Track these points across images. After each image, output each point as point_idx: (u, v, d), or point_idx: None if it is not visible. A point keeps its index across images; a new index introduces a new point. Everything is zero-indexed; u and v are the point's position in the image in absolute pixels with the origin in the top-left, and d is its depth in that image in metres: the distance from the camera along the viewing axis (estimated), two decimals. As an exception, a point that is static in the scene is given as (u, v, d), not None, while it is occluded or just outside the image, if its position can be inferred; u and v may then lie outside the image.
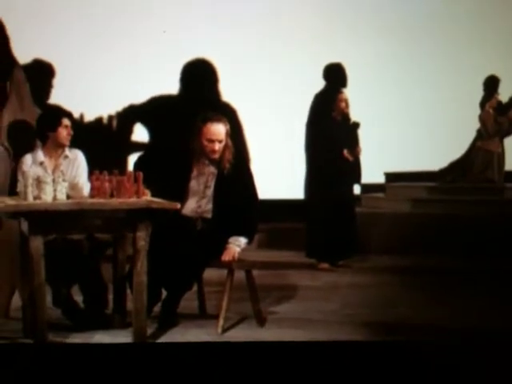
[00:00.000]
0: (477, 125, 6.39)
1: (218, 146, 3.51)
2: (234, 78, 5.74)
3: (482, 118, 6.35)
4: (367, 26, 6.33)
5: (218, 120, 3.54)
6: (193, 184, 3.57)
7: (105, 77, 5.64)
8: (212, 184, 3.55)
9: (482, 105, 6.36)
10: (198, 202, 3.57)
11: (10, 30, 3.60)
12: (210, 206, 3.56)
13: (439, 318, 3.72)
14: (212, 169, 3.56)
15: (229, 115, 3.85)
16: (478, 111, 6.37)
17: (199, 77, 4.24)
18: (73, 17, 5.68)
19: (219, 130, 3.52)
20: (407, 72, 6.50)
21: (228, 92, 5.52)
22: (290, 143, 5.60)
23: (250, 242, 3.61)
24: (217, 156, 3.53)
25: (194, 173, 3.57)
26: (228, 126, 3.56)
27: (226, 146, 3.53)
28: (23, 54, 3.77)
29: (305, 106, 5.22)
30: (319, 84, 5.23)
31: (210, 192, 3.55)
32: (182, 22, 5.80)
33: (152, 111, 4.31)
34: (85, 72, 5.60)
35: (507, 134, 6.38)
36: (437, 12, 6.50)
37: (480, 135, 6.38)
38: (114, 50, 5.75)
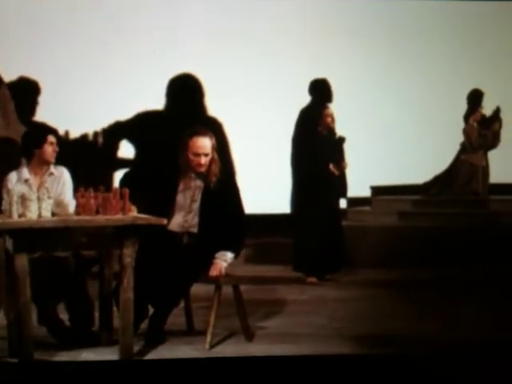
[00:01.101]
0: (461, 138, 6.46)
1: (204, 160, 3.53)
2: (222, 94, 5.77)
3: (466, 132, 6.42)
4: (353, 40, 6.40)
5: (204, 134, 3.56)
6: (179, 198, 3.58)
7: (91, 94, 5.65)
8: (198, 198, 3.56)
9: (466, 118, 6.43)
10: (184, 217, 3.57)
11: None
12: (196, 221, 3.56)
13: (427, 331, 3.74)
14: (198, 183, 3.57)
15: (215, 129, 3.87)
16: (462, 125, 6.44)
17: (185, 92, 4.27)
18: (59, 35, 5.69)
19: (205, 143, 3.53)
20: (392, 86, 6.57)
21: (216, 106, 5.55)
22: (276, 157, 5.63)
23: (236, 257, 3.62)
24: (203, 170, 3.55)
25: (181, 187, 3.58)
26: (214, 140, 3.58)
27: (212, 160, 3.55)
28: (7, 71, 3.77)
29: (291, 120, 5.25)
30: (305, 99, 5.27)
31: (196, 206, 3.55)
32: (171, 40, 5.84)
33: (138, 127, 4.32)
34: (71, 89, 5.61)
35: (491, 147, 6.45)
36: (424, 27, 6.59)
37: (464, 148, 6.45)
38: (101, 68, 5.76)
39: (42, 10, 5.52)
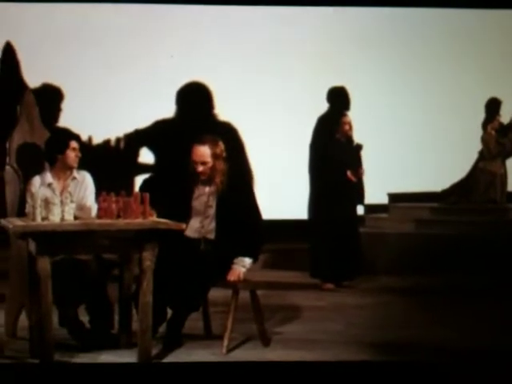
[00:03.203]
0: (479, 146, 6.44)
1: (201, 168, 3.54)
2: (239, 99, 5.81)
3: (484, 140, 6.40)
4: (372, 49, 6.41)
5: (203, 142, 3.56)
6: (195, 204, 3.61)
7: (113, 99, 5.71)
8: (213, 204, 3.58)
9: (484, 126, 6.41)
10: (201, 222, 3.60)
11: (22, 55, 3.68)
12: (212, 226, 3.58)
13: (444, 338, 3.73)
14: (210, 189, 3.59)
15: (228, 134, 3.88)
16: (480, 132, 6.42)
17: (199, 98, 4.31)
18: (82, 41, 5.77)
19: (201, 151, 3.54)
20: (410, 94, 6.57)
21: (233, 112, 5.59)
22: (295, 163, 5.65)
23: (254, 262, 3.64)
24: (204, 177, 3.57)
25: (196, 193, 3.61)
26: (218, 148, 3.56)
27: (212, 168, 3.54)
28: (33, 77, 3.85)
29: (309, 127, 5.27)
30: (323, 106, 5.29)
31: (212, 211, 3.58)
32: (189, 47, 5.89)
33: (156, 134, 4.37)
34: (94, 95, 5.68)
35: (509, 155, 6.42)
36: (439, 36, 6.59)
37: (482, 156, 6.43)
38: (122, 74, 5.83)
39: (64, 18, 5.61)
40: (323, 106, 5.28)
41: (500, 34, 6.57)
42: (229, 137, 3.75)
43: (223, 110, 5.48)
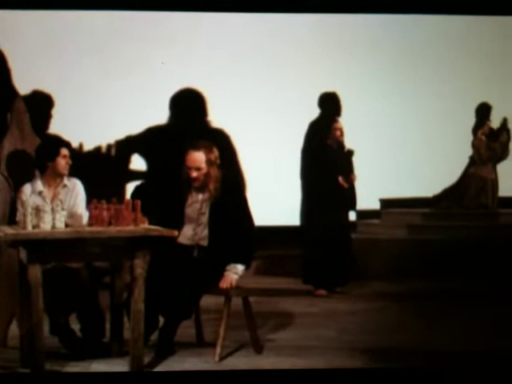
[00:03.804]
0: (470, 151, 6.47)
1: (195, 174, 3.52)
2: (232, 104, 5.80)
3: (474, 145, 6.43)
4: (363, 54, 6.44)
5: (198, 148, 3.55)
6: (188, 211, 3.60)
7: (104, 106, 5.70)
8: (206, 211, 3.58)
9: (475, 131, 6.44)
10: (194, 230, 3.59)
11: (12, 61, 3.66)
12: (205, 233, 3.57)
13: (438, 343, 3.73)
14: (203, 196, 3.59)
15: (221, 141, 3.87)
16: (470, 137, 6.45)
17: (193, 105, 4.30)
18: (73, 48, 5.76)
19: (195, 157, 3.53)
20: (401, 99, 6.59)
21: (224, 118, 5.59)
22: (286, 169, 5.66)
23: (247, 269, 3.63)
24: (197, 184, 3.55)
25: (189, 200, 3.60)
26: (212, 155, 3.55)
27: (207, 175, 3.53)
28: (23, 84, 3.83)
29: (300, 132, 5.28)
30: (315, 112, 5.30)
31: (204, 219, 3.57)
32: (180, 54, 5.89)
33: (148, 140, 4.36)
34: (85, 101, 5.66)
35: (500, 160, 6.45)
36: (433, 41, 6.62)
37: (473, 162, 6.46)
38: (114, 81, 5.82)
39: (56, 24, 5.60)
40: (315, 112, 5.29)
41: (491, 40, 6.62)
42: (222, 143, 3.74)
43: (215, 117, 5.48)
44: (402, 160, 6.52)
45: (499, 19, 6.09)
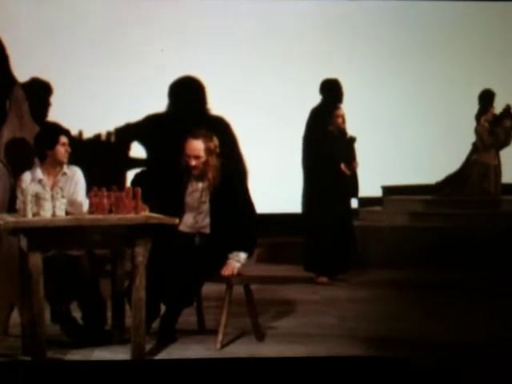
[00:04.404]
0: (473, 138, 6.44)
1: (194, 162, 3.51)
2: (233, 92, 5.78)
3: (477, 131, 6.39)
4: (366, 41, 6.40)
5: (197, 136, 3.53)
6: (188, 200, 3.59)
7: (104, 93, 5.68)
8: (206, 199, 3.56)
9: (478, 118, 6.41)
10: (195, 218, 3.58)
11: (11, 49, 3.63)
12: (207, 221, 3.57)
13: (438, 332, 3.72)
14: (203, 184, 3.57)
15: (220, 129, 3.85)
16: (473, 124, 6.42)
17: (192, 92, 4.27)
18: (72, 37, 5.74)
19: (194, 146, 3.51)
20: (403, 86, 6.56)
21: (226, 105, 5.58)
22: (288, 157, 5.64)
23: (249, 256, 3.62)
24: (196, 172, 3.54)
25: (189, 189, 3.59)
26: (211, 143, 3.53)
27: (206, 163, 3.51)
28: (22, 72, 3.81)
29: (302, 119, 5.25)
30: (316, 99, 5.26)
31: (205, 207, 3.56)
32: (180, 40, 5.87)
33: (148, 128, 4.34)
34: (84, 89, 5.65)
35: (503, 146, 6.42)
36: (433, 27, 6.58)
37: (476, 148, 6.43)
38: (113, 68, 5.80)
39: (54, 11, 5.58)
40: (316, 100, 5.25)
41: (492, 27, 6.57)
42: (222, 131, 3.72)
43: (215, 105, 5.46)
44: (404, 147, 6.50)
45: (502, 4, 6.03)
